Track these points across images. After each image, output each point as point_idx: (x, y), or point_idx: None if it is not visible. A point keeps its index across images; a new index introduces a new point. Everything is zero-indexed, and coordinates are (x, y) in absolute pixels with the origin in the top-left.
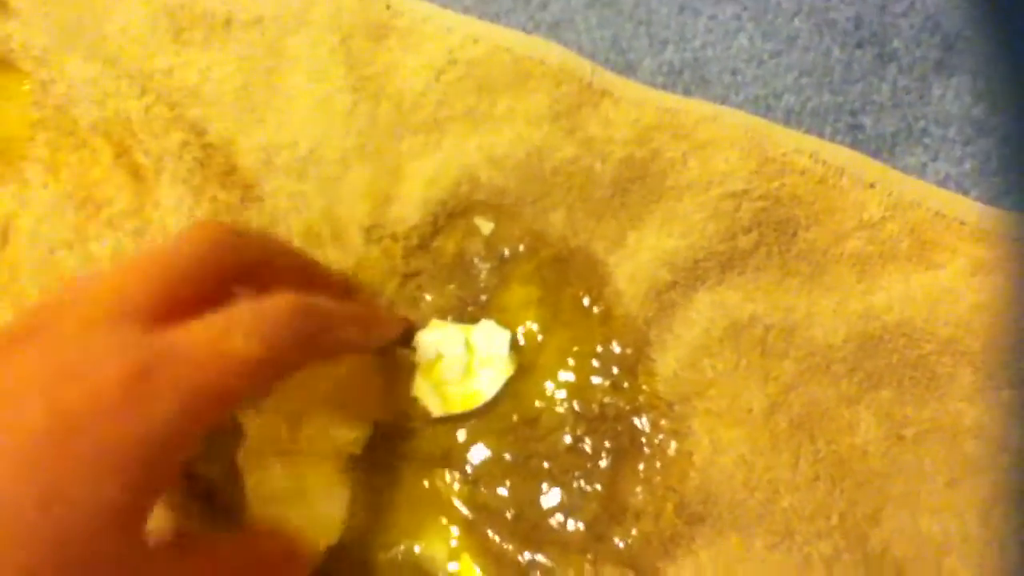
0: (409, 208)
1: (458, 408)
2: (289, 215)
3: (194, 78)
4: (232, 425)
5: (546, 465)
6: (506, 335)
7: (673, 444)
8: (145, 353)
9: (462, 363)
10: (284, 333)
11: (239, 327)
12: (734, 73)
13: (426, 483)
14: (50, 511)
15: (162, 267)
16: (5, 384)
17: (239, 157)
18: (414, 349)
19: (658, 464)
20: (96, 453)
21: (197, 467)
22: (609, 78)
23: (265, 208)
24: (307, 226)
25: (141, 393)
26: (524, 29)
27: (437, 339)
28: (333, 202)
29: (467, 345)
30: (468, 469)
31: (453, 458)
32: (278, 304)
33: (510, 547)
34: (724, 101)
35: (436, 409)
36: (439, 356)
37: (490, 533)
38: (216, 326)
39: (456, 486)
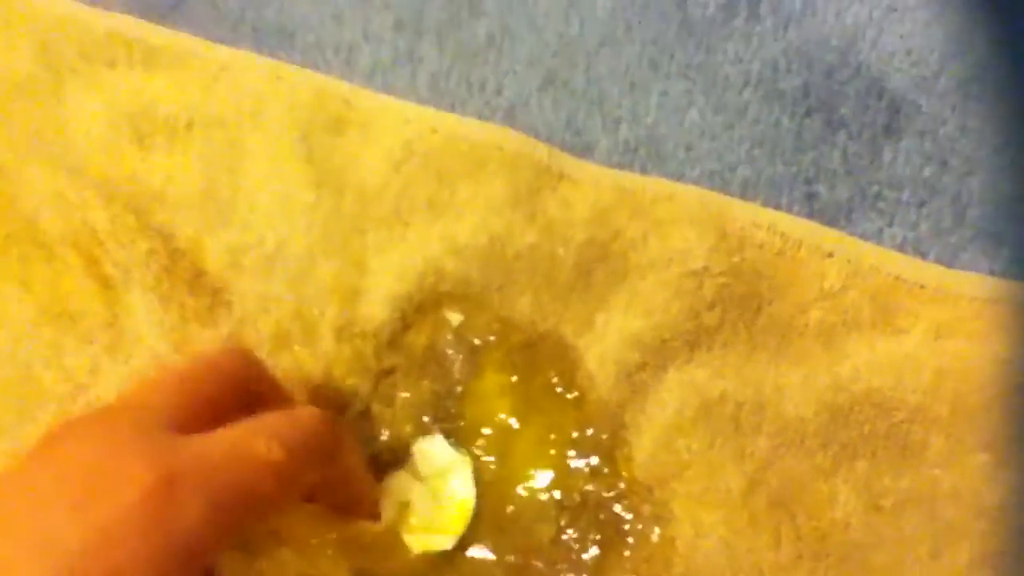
0: (376, 305)
1: (461, 526)
2: (259, 318)
3: (159, 182)
4: None
5: (532, 559)
6: (439, 438)
7: (656, 530)
8: (170, 458)
9: (427, 495)
10: (304, 440)
11: (262, 432)
12: (688, 148)
13: None
14: None
15: (186, 382)
16: (34, 502)
17: (206, 260)
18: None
19: (643, 552)
20: (131, 565)
21: None
22: (566, 160)
23: (234, 312)
24: (277, 327)
25: (170, 500)
26: (480, 116)
27: (390, 494)
28: (301, 301)
29: (419, 477)
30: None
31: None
32: (300, 413)
33: None
34: (680, 176)
35: (445, 544)
36: (403, 505)
37: None
38: (239, 429)
39: None
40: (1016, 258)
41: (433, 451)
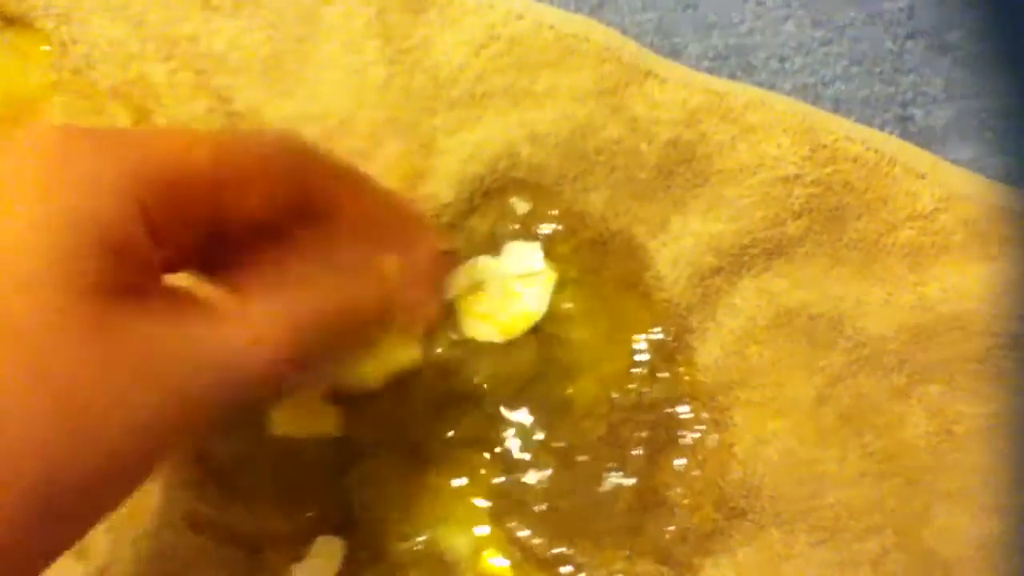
0: (443, 185)
1: (516, 331)
2: None
3: (221, 46)
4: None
5: (578, 454)
6: (536, 246)
7: (714, 436)
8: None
9: (500, 288)
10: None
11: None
12: (782, 60)
13: (451, 468)
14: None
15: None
16: None
17: (266, 127)
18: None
19: (698, 456)
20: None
21: (212, 447)
22: (654, 58)
23: None
24: None
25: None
26: (567, 9)
27: (468, 271)
28: None
29: (501, 271)
30: (494, 454)
31: (479, 440)
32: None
33: (539, 540)
34: (771, 88)
35: (495, 337)
36: (476, 286)
37: (517, 524)
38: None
39: (482, 471)
40: None
41: (525, 254)
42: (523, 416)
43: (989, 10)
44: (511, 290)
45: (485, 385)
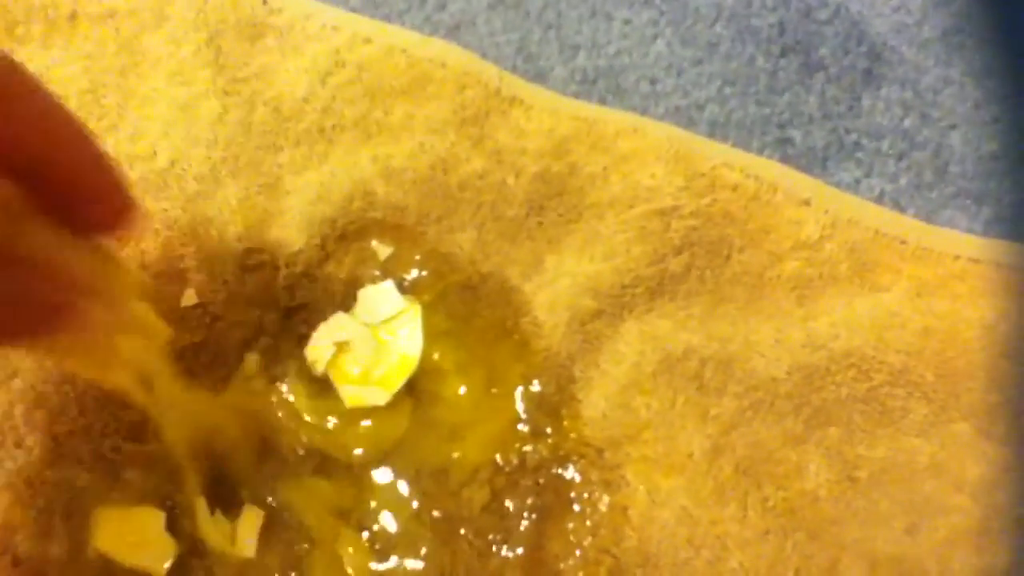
0: (292, 230)
1: (399, 381)
2: (144, 238)
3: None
4: None
5: (460, 527)
6: (390, 285)
7: (605, 498)
8: None
9: (368, 343)
10: None
11: None
12: (653, 82)
13: (323, 550)
14: None
15: None
16: None
17: None
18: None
19: (588, 522)
20: None
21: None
22: (519, 84)
23: None
24: (168, 250)
25: None
26: (420, 32)
27: (328, 335)
28: (200, 222)
29: (358, 324)
30: (367, 533)
31: (352, 516)
32: None
33: None
34: (643, 112)
35: (378, 399)
36: (341, 348)
37: None
38: None
39: (351, 551)
40: (998, 217)
41: (381, 297)
42: (401, 487)
43: (851, 24)
44: (380, 340)
45: (360, 451)
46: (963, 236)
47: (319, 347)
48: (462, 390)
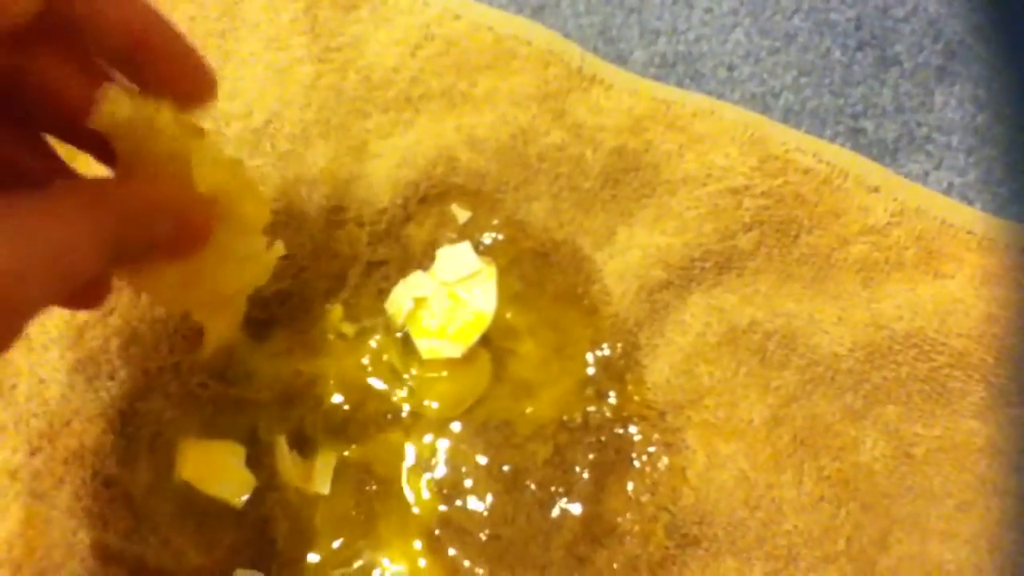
0: (377, 190)
1: (472, 336)
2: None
3: None
4: None
5: (523, 478)
6: (467, 245)
7: (665, 458)
8: None
9: (445, 299)
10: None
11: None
12: (730, 69)
13: (392, 491)
14: None
15: None
16: None
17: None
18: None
19: (648, 480)
20: None
21: (119, 472)
22: (600, 64)
23: None
24: None
25: None
26: (507, 11)
27: (407, 292)
28: (290, 180)
29: (436, 281)
30: (437, 477)
31: (421, 463)
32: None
33: (481, 571)
34: (719, 97)
35: (452, 352)
36: (419, 304)
37: (458, 553)
38: None
39: (424, 495)
40: None
41: (458, 257)
42: (469, 438)
43: (927, 23)
44: (456, 297)
45: (436, 405)
46: None
47: (398, 301)
48: (533, 350)
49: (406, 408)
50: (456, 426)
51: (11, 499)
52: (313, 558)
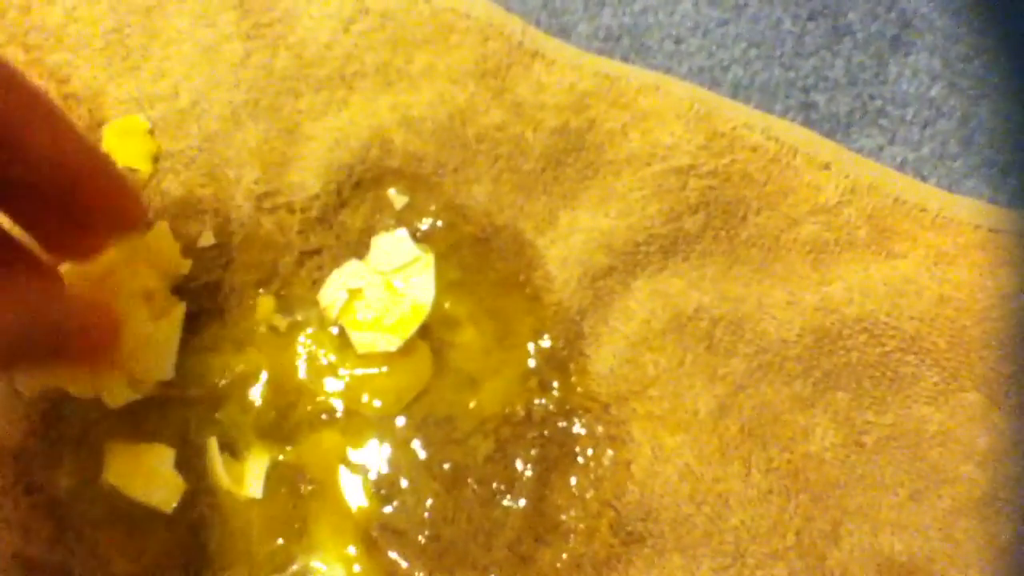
0: (308, 174)
1: (410, 329)
2: (165, 177)
3: (57, 18)
4: None
5: (464, 476)
6: (404, 233)
7: (609, 452)
8: None
9: (381, 289)
10: None
11: None
12: (677, 42)
13: (328, 493)
14: None
15: None
16: None
17: (107, 110)
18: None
19: (592, 475)
20: None
21: (42, 478)
22: (542, 38)
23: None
24: (186, 191)
25: None
26: None
27: (341, 282)
28: (218, 164)
29: (371, 271)
30: (374, 477)
31: (358, 463)
32: None
33: (420, 573)
34: (667, 71)
35: (389, 345)
36: (354, 295)
37: (397, 556)
38: None
39: (361, 496)
40: (1022, 189)
41: (394, 245)
42: (408, 435)
43: None
44: (392, 288)
45: (375, 403)
46: (986, 206)
47: (332, 293)
48: (474, 340)
49: (341, 406)
50: (394, 423)
51: None
52: (246, 563)
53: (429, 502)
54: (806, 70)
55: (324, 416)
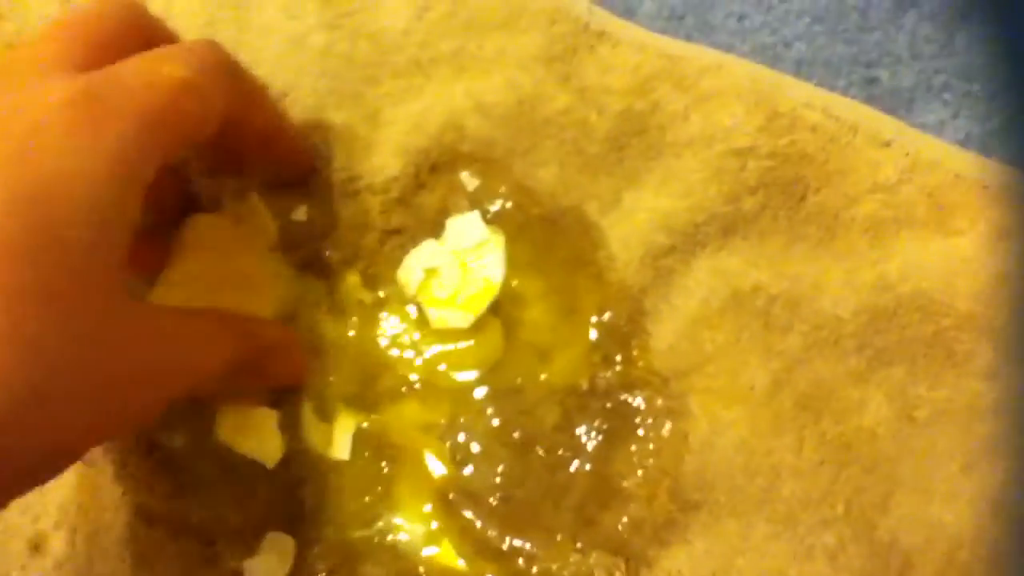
0: (388, 157)
1: (482, 306)
2: None
3: (156, 12)
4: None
5: (533, 443)
6: (476, 215)
7: (668, 424)
8: (84, 83)
9: (455, 268)
10: (203, 58)
11: (163, 58)
12: (740, 19)
13: (408, 457)
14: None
15: (77, 26)
16: None
17: None
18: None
19: (651, 445)
20: (59, 175)
21: (161, 438)
22: (607, 18)
23: None
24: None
25: (92, 115)
26: None
27: (417, 261)
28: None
29: (445, 251)
30: (450, 444)
31: (435, 431)
32: (193, 43)
33: (493, 532)
34: (730, 49)
35: (462, 322)
36: (430, 274)
37: (471, 516)
38: (146, 58)
39: (439, 462)
40: None
41: (467, 227)
42: (480, 406)
43: None
44: (466, 266)
45: (450, 374)
46: None
47: (409, 271)
48: (543, 316)
49: (418, 378)
50: (469, 394)
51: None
52: (339, 518)
53: (500, 467)
54: (869, 44)
55: (404, 389)
